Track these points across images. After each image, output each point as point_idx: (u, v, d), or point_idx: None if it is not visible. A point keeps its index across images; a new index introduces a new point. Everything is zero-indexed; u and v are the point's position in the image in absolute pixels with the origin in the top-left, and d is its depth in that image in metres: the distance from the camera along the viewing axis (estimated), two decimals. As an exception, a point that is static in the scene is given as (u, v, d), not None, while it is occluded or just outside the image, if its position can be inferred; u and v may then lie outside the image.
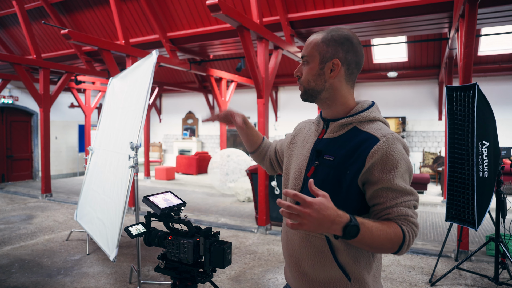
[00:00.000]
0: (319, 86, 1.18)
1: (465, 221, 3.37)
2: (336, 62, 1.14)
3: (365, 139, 1.10)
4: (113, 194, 3.70)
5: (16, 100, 10.57)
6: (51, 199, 7.90)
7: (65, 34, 5.54)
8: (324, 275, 1.15)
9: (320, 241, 1.14)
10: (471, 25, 3.94)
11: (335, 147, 1.15)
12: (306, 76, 1.19)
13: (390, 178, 1.05)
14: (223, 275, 3.81)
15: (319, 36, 1.18)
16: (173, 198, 1.52)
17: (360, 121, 1.16)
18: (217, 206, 7.34)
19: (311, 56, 1.18)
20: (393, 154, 1.06)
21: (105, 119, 4.75)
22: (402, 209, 1.05)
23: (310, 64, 1.18)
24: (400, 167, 1.06)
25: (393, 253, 1.05)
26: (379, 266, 1.22)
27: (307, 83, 1.19)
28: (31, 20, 8.80)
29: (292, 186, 1.24)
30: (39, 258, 4.26)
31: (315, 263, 1.15)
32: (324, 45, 1.16)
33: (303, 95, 1.23)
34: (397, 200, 1.05)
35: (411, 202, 1.07)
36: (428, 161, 9.97)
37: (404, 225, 1.04)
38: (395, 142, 1.08)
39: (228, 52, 8.66)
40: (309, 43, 1.20)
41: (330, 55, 1.15)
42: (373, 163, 1.06)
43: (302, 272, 1.19)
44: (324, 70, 1.16)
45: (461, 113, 3.38)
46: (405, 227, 1.04)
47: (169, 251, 1.41)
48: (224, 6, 4.30)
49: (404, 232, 1.02)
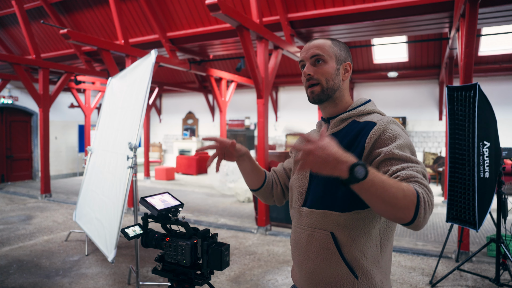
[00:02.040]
0: (336, 85, 1.22)
1: (466, 222, 3.35)
2: (349, 65, 1.24)
3: (363, 126, 1.14)
4: (111, 194, 3.69)
5: (15, 100, 10.56)
6: (50, 200, 7.88)
7: (65, 34, 5.52)
8: (331, 273, 1.14)
9: (324, 236, 1.14)
10: (472, 24, 3.92)
11: (338, 140, 1.16)
12: (325, 75, 1.20)
13: (391, 148, 1.03)
14: (223, 276, 3.79)
15: (327, 40, 1.23)
16: (170, 199, 1.50)
17: (359, 115, 1.21)
18: (217, 206, 7.32)
19: (328, 55, 1.20)
20: (390, 131, 1.08)
21: (104, 119, 4.73)
22: (410, 171, 0.97)
23: (328, 64, 1.20)
24: (398, 140, 1.06)
25: (409, 221, 0.89)
26: (388, 264, 1.19)
27: (325, 82, 1.20)
28: (31, 20, 8.79)
29: (298, 186, 1.26)
30: (38, 259, 4.24)
31: (321, 260, 1.15)
32: (337, 48, 1.23)
33: (320, 95, 1.20)
34: (403, 165, 0.99)
35: (418, 168, 0.99)
36: (429, 161, 9.95)
37: (416, 186, 0.93)
38: (391, 123, 1.11)
39: (228, 52, 8.64)
40: (321, 44, 1.21)
41: (343, 58, 1.23)
42: (372, 145, 1.09)
43: (309, 271, 1.19)
44: (340, 71, 1.23)
45: (462, 113, 3.36)
46: (418, 188, 0.92)
47: (167, 253, 1.39)
48: (224, 6, 4.29)
49: (418, 191, 0.91)
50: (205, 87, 12.71)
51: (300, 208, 1.23)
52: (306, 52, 1.23)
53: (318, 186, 1.19)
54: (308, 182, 1.23)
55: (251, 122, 12.55)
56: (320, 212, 1.16)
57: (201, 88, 12.61)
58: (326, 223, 1.14)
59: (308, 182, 1.23)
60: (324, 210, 1.15)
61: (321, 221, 1.15)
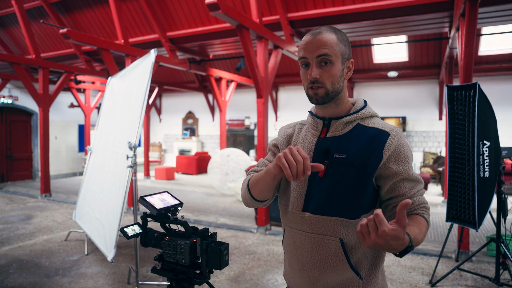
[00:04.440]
0: (340, 87, 1.15)
1: (465, 222, 3.35)
2: (352, 63, 1.18)
3: (376, 134, 1.13)
4: (111, 194, 3.68)
5: (15, 100, 10.55)
6: (50, 199, 7.88)
7: (64, 33, 5.52)
8: (337, 278, 1.14)
9: (333, 243, 1.12)
10: (472, 24, 3.92)
11: (345, 144, 1.14)
12: (331, 78, 1.11)
13: (406, 169, 1.12)
14: (222, 275, 3.79)
15: (332, 34, 1.12)
16: (169, 199, 1.50)
17: (362, 118, 1.18)
18: (217, 206, 7.31)
19: (335, 56, 1.11)
20: (403, 146, 1.13)
21: (104, 118, 4.73)
22: (420, 198, 1.13)
23: (335, 65, 1.11)
24: (410, 158, 1.14)
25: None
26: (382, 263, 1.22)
27: (331, 86, 1.12)
28: (30, 20, 8.78)
29: (296, 190, 1.19)
30: (37, 259, 4.24)
31: (327, 267, 1.13)
32: (342, 45, 1.13)
33: (324, 98, 1.13)
34: (415, 189, 1.13)
35: (422, 190, 1.16)
36: (429, 161, 9.95)
37: (425, 213, 1.12)
38: (402, 135, 1.15)
39: (228, 51, 8.64)
40: (328, 41, 1.10)
41: (347, 56, 1.16)
42: (388, 157, 1.11)
43: (312, 278, 1.16)
44: (344, 70, 1.16)
45: (461, 112, 3.35)
46: (426, 215, 1.12)
47: (166, 252, 1.39)
48: (224, 5, 4.28)
49: (427, 220, 1.11)
50: (205, 87, 12.71)
51: (301, 213, 1.17)
52: (311, 50, 1.10)
53: (321, 192, 1.13)
54: (307, 186, 1.16)
55: (251, 122, 12.55)
56: (329, 219, 1.12)
57: (201, 88, 12.61)
58: (336, 230, 1.12)
59: (307, 186, 1.16)
60: (334, 217, 1.11)
61: (330, 228, 1.12)
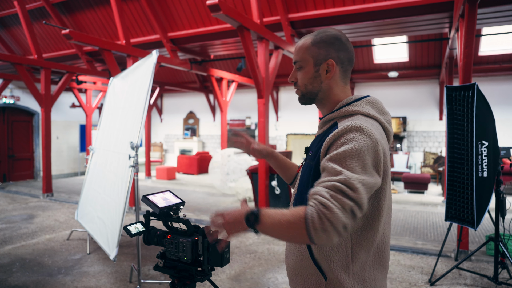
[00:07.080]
0: (315, 88, 1.21)
1: (464, 221, 3.38)
2: (331, 63, 1.17)
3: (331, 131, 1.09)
4: (113, 193, 3.72)
5: (17, 100, 10.60)
6: (52, 199, 7.92)
7: (66, 34, 5.56)
8: (303, 269, 1.18)
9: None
10: (471, 25, 3.94)
11: (316, 142, 1.21)
12: (302, 80, 1.22)
13: (326, 159, 1.01)
14: (223, 274, 3.82)
15: (308, 39, 1.20)
16: (172, 197, 1.53)
17: (341, 116, 1.15)
18: (218, 205, 7.35)
19: (304, 60, 1.20)
20: (341, 138, 1.02)
21: (105, 119, 4.76)
22: (317, 188, 0.94)
23: (304, 69, 1.21)
24: (344, 147, 0.99)
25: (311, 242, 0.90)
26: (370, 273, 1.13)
27: (304, 87, 1.22)
28: (32, 20, 8.82)
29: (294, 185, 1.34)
30: (40, 258, 4.28)
31: (297, 256, 1.20)
32: (315, 48, 1.18)
33: (301, 99, 1.26)
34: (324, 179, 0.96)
35: (331, 183, 0.93)
36: (429, 161, 9.96)
37: (310, 205, 0.91)
38: (352, 130, 1.01)
39: (228, 52, 8.67)
40: (299, 48, 1.21)
41: (323, 57, 1.17)
42: (326, 151, 1.06)
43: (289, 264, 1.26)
44: (320, 72, 1.19)
45: (460, 113, 3.38)
46: (310, 207, 0.90)
47: (168, 250, 1.42)
48: (224, 6, 4.31)
49: (306, 213, 0.89)
50: (206, 87, 12.74)
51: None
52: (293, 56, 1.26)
53: (296, 187, 1.27)
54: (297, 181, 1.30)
55: (252, 122, 12.58)
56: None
57: (202, 88, 12.64)
58: None
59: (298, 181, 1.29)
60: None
61: None
